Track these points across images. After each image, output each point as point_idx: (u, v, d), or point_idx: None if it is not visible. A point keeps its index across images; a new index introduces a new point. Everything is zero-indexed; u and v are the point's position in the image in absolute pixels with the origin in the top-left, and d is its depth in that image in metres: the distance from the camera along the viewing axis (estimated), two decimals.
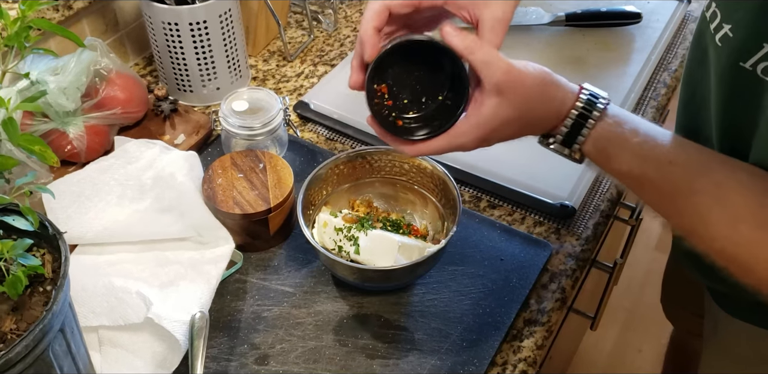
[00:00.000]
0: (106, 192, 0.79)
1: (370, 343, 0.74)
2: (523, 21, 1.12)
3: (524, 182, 0.89)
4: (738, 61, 0.60)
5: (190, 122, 0.93)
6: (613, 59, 1.07)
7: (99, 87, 0.86)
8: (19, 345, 0.51)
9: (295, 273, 0.80)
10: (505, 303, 0.77)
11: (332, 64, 1.07)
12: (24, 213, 0.54)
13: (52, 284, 0.58)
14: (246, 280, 0.79)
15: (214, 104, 1.00)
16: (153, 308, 0.68)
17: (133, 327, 0.70)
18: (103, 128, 0.87)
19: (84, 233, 0.76)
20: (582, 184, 0.89)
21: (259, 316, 0.76)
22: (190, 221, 0.76)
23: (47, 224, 0.58)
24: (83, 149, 0.85)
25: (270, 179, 0.80)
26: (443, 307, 0.76)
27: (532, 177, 0.89)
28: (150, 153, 0.83)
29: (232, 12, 0.93)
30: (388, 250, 0.74)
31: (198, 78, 0.96)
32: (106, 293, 0.70)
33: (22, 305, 0.56)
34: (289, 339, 0.74)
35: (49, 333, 0.54)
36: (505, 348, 0.75)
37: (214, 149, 0.93)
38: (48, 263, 0.60)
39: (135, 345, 0.70)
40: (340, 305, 0.77)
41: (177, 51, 0.92)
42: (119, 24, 1.01)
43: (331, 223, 0.77)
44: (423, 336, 0.74)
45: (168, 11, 0.89)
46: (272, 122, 0.86)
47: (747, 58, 0.59)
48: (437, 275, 0.79)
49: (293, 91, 1.03)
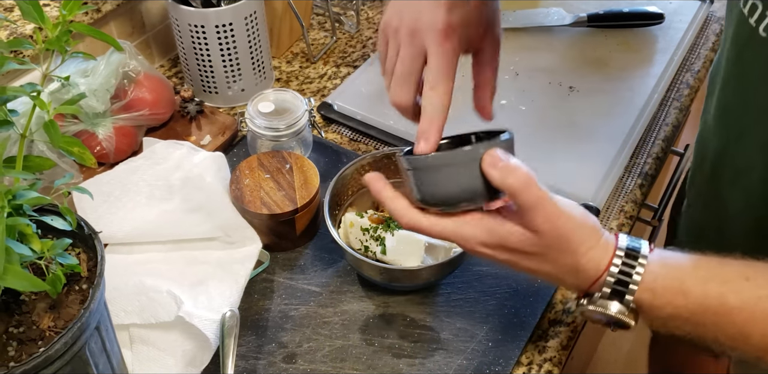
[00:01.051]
0: (135, 192, 0.81)
1: (396, 343, 0.74)
2: (544, 22, 1.12)
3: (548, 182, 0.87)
4: None
5: (216, 123, 0.94)
6: (635, 60, 1.07)
7: (128, 89, 0.87)
8: (59, 342, 0.52)
9: (321, 273, 0.81)
10: (530, 304, 0.77)
11: (355, 65, 1.08)
12: (63, 213, 0.55)
13: (87, 282, 0.59)
14: (273, 279, 0.80)
15: (239, 106, 1.01)
16: (184, 306, 0.69)
17: (163, 325, 0.71)
18: (131, 129, 0.89)
19: (114, 232, 0.77)
20: (606, 185, 0.89)
21: (287, 315, 0.76)
22: (218, 221, 0.77)
23: (83, 224, 0.60)
24: (112, 149, 0.87)
25: (296, 179, 0.80)
26: (469, 307, 0.77)
27: (556, 178, 0.89)
28: (178, 154, 0.84)
29: (257, 14, 0.94)
30: (414, 250, 0.74)
31: (223, 80, 0.97)
32: (137, 292, 0.71)
33: (59, 303, 0.58)
34: (316, 337, 0.75)
35: (86, 330, 0.55)
36: (530, 348, 0.75)
37: (240, 149, 0.94)
38: (83, 262, 0.61)
39: (165, 343, 0.71)
40: (366, 304, 0.78)
41: (203, 53, 0.94)
42: (146, 26, 1.02)
43: (357, 223, 0.78)
44: (449, 335, 0.75)
45: (195, 14, 0.90)
46: (297, 124, 0.87)
47: None
48: (462, 276, 0.79)
49: (317, 92, 1.04)
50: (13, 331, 0.56)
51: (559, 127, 0.97)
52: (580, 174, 0.90)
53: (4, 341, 0.55)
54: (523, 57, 1.07)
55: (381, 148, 0.96)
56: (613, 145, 0.94)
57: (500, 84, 1.02)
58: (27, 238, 0.52)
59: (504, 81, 1.03)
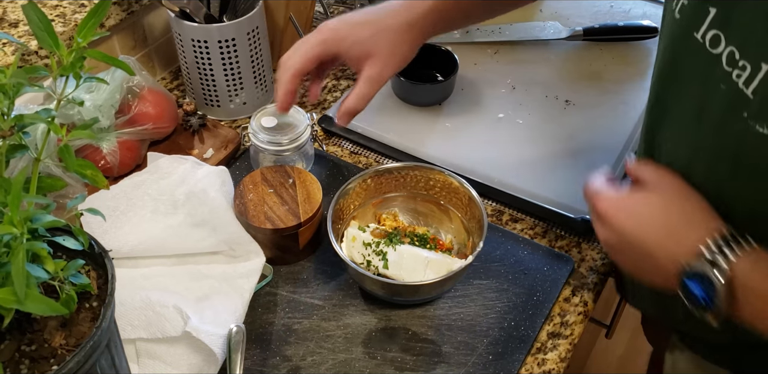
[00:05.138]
0: (140, 207, 0.82)
1: (398, 356, 0.76)
2: (541, 36, 1.14)
3: (547, 196, 0.90)
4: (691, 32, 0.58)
5: (219, 137, 0.95)
6: (630, 73, 1.09)
7: (132, 103, 0.88)
8: (72, 360, 0.53)
9: (323, 286, 0.82)
10: (529, 317, 0.79)
11: (354, 78, 1.09)
12: (75, 234, 0.56)
13: (98, 300, 0.60)
14: (276, 293, 0.81)
15: (240, 119, 1.02)
16: (191, 322, 0.70)
17: (169, 339, 0.72)
18: (135, 143, 0.90)
19: (120, 247, 0.78)
20: None
21: (290, 328, 0.78)
22: (222, 235, 0.78)
23: (93, 243, 0.61)
24: (116, 163, 0.88)
25: (299, 194, 0.82)
26: (469, 320, 0.78)
27: (555, 192, 0.91)
28: (182, 169, 0.85)
29: (259, 29, 0.95)
30: (416, 265, 0.76)
31: (225, 93, 0.98)
32: (143, 306, 0.72)
33: (70, 321, 0.58)
34: (320, 351, 0.76)
35: (98, 348, 0.56)
36: (530, 361, 0.77)
37: (242, 163, 0.95)
38: (93, 279, 0.62)
39: (172, 357, 0.72)
40: (369, 318, 0.79)
41: (206, 67, 0.95)
42: (148, 39, 1.03)
43: (359, 238, 0.80)
44: (450, 349, 0.76)
45: (198, 29, 0.91)
46: (300, 138, 0.88)
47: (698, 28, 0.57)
48: (463, 289, 0.81)
49: (317, 105, 1.05)
50: (26, 349, 0.57)
51: (555, 140, 0.98)
52: (577, 187, 0.91)
53: (17, 359, 0.56)
54: (520, 70, 1.09)
55: (381, 160, 0.97)
56: (609, 157, 0.96)
57: (497, 97, 1.04)
58: (41, 259, 0.53)
59: (501, 94, 1.05)
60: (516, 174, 0.93)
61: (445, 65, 1.02)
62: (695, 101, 0.61)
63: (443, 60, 1.03)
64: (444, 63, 1.02)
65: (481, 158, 0.95)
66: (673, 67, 0.64)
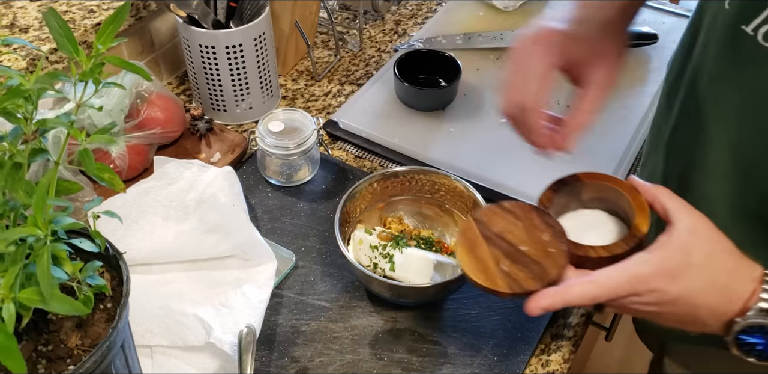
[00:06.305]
0: (151, 214, 0.82)
1: (405, 357, 0.77)
2: None
3: None
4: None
5: (225, 141, 0.97)
6: (630, 79, 1.10)
7: (140, 108, 0.89)
8: (89, 360, 0.55)
9: (330, 288, 0.83)
10: (533, 319, 0.80)
11: (358, 83, 1.10)
12: (92, 236, 0.57)
13: (112, 301, 0.61)
14: (284, 295, 0.82)
15: (246, 123, 1.03)
16: (214, 333, 0.71)
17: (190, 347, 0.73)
18: (144, 147, 0.91)
19: (134, 254, 0.79)
20: None
21: (298, 330, 0.79)
22: (235, 240, 0.79)
23: (108, 246, 0.62)
24: (125, 167, 0.89)
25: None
26: (474, 322, 0.80)
27: None
28: (189, 173, 0.86)
29: (266, 35, 0.96)
30: (423, 268, 0.77)
31: (232, 98, 0.99)
32: (163, 314, 0.73)
33: (85, 322, 0.60)
34: (327, 352, 0.77)
35: (113, 348, 0.58)
36: (534, 362, 0.78)
37: (249, 166, 0.96)
38: (108, 281, 0.63)
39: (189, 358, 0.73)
40: (375, 319, 0.80)
41: (213, 72, 0.96)
42: (155, 44, 1.04)
43: (366, 240, 0.81)
44: (455, 350, 0.77)
45: (205, 35, 0.92)
46: (306, 143, 0.89)
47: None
48: (468, 291, 0.82)
49: (322, 110, 1.06)
50: (42, 349, 0.58)
51: None
52: None
53: (34, 359, 0.57)
54: None
55: (385, 164, 0.98)
56: (609, 163, 0.97)
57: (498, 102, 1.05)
58: (59, 261, 0.55)
59: None
60: (518, 178, 0.94)
61: (448, 71, 1.04)
62: (745, 94, 0.60)
63: (446, 66, 1.04)
64: (447, 69, 1.04)
65: (484, 162, 0.96)
66: (715, 62, 0.63)
